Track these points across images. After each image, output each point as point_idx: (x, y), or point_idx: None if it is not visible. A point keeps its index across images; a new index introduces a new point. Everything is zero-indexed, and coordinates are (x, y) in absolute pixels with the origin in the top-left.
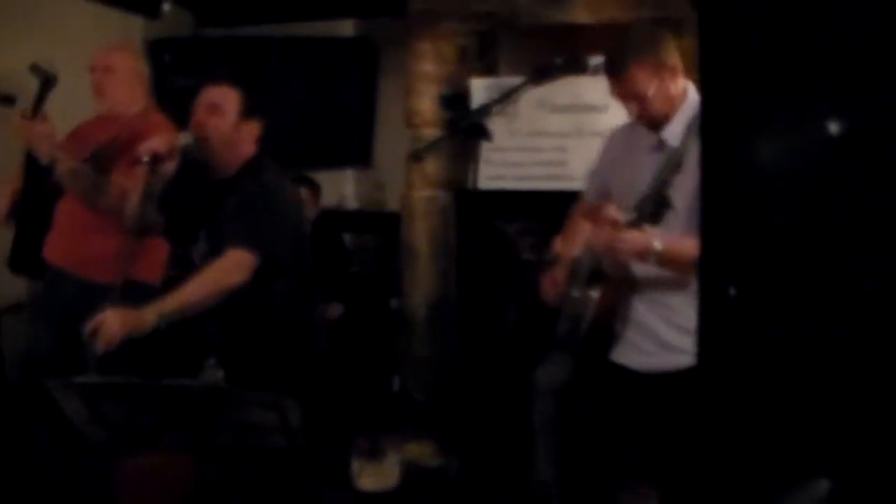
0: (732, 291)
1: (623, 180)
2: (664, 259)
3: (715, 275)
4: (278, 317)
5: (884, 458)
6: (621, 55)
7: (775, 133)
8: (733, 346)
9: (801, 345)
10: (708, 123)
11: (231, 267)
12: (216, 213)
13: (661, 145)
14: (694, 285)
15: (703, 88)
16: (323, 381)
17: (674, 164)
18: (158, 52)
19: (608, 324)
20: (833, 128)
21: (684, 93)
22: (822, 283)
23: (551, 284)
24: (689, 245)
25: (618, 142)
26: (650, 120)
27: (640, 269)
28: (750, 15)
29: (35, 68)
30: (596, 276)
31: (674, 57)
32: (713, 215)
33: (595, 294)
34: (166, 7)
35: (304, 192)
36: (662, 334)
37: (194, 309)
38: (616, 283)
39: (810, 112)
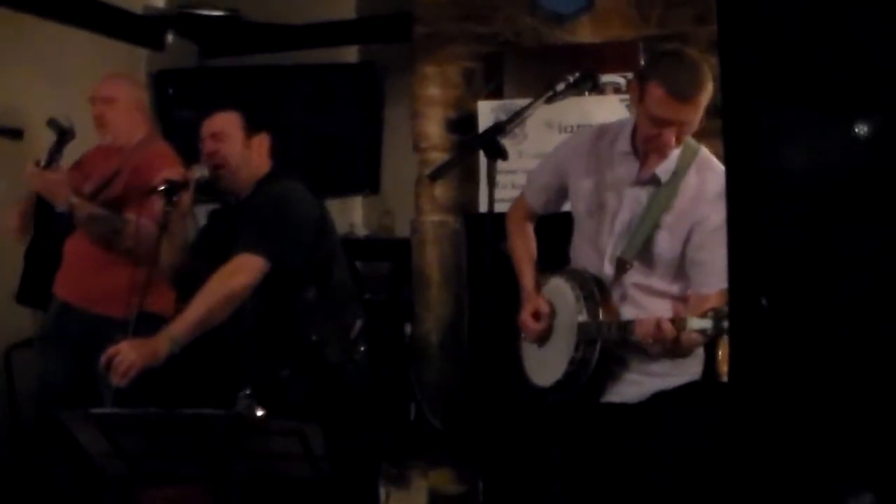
0: (764, 302)
1: (604, 208)
2: None
3: (746, 286)
4: (310, 329)
5: None
6: (697, 80)
7: (802, 138)
8: (766, 357)
9: (835, 353)
10: (731, 129)
11: (234, 270)
12: (236, 234)
13: (651, 179)
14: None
15: (725, 94)
16: (358, 400)
17: (664, 203)
18: (162, 84)
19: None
20: (861, 130)
21: None
22: (854, 288)
23: (535, 319)
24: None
25: (587, 156)
26: (665, 151)
27: (631, 312)
28: (772, 18)
29: (52, 122)
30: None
31: None
32: (740, 225)
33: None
34: (170, 38)
35: None
36: (649, 364)
37: (206, 324)
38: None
39: (837, 115)
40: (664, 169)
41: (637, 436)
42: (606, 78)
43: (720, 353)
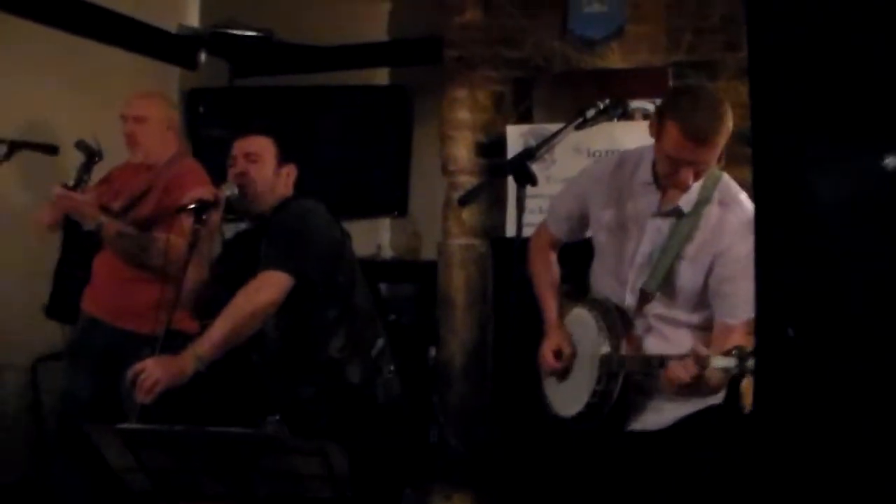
0: (791, 332)
1: (625, 239)
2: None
3: (773, 316)
4: (330, 347)
5: None
6: (714, 120)
7: (831, 170)
8: (792, 389)
9: (862, 384)
10: (760, 160)
11: (259, 286)
12: (257, 256)
13: (674, 212)
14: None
15: (755, 125)
16: (380, 420)
17: (686, 233)
18: (194, 103)
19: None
20: (890, 163)
21: None
22: (883, 320)
23: (555, 355)
24: None
25: (608, 185)
26: (683, 187)
27: (654, 344)
28: (803, 49)
29: (80, 144)
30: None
31: None
32: (768, 255)
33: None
34: (202, 58)
35: None
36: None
37: (232, 341)
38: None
39: (866, 147)
40: (686, 200)
41: (659, 462)
42: (635, 104)
43: (744, 382)
